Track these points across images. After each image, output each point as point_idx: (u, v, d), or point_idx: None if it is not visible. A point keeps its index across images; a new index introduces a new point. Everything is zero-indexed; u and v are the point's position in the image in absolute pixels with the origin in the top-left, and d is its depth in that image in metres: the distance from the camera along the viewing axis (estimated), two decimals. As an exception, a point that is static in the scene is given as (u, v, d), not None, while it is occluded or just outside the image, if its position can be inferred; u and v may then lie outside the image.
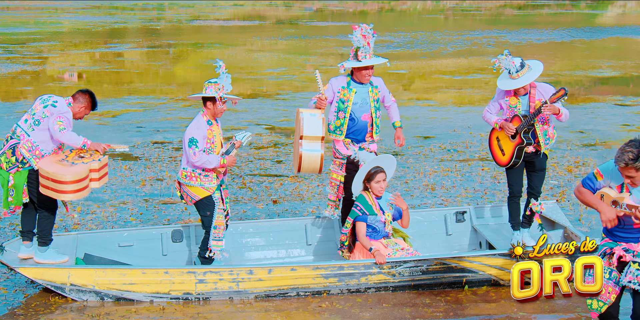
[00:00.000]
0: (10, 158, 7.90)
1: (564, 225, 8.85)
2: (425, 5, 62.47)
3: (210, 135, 8.03)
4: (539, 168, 8.51)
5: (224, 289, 7.88)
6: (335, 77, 8.69)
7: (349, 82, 8.53)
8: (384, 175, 8.20)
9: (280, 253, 9.03)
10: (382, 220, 8.18)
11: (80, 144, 7.90)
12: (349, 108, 8.47)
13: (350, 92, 8.48)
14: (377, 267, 7.88)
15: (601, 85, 21.95)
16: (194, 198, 8.10)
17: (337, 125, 8.55)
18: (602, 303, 6.12)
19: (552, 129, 8.46)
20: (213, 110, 8.05)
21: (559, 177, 12.19)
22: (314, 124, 8.26)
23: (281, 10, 57.56)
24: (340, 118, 8.52)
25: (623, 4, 61.34)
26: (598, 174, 6.08)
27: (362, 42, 8.38)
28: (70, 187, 7.68)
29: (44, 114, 7.89)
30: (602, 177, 6.06)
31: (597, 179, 6.09)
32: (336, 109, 8.54)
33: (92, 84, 22.65)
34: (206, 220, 8.14)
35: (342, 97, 8.49)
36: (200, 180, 8.05)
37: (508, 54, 8.34)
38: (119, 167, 12.95)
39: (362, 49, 8.38)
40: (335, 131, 8.58)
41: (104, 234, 8.83)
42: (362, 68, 8.45)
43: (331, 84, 8.59)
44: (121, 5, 61.09)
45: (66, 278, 7.78)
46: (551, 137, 8.46)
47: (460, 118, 16.97)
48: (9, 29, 39.10)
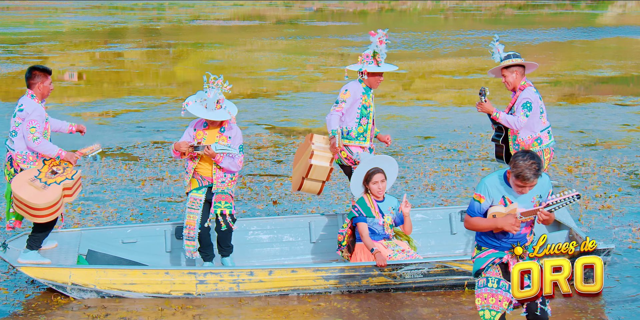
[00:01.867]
0: (10, 170, 7.96)
1: (569, 226, 8.82)
2: (425, 5, 62.47)
3: (199, 137, 8.17)
4: None
5: (224, 289, 7.88)
6: (351, 83, 8.71)
7: (366, 87, 8.63)
8: (382, 176, 8.15)
9: (283, 250, 9.03)
10: (380, 223, 8.14)
11: (55, 155, 7.87)
12: (372, 113, 8.55)
13: (370, 98, 8.59)
14: (378, 270, 7.88)
15: (601, 85, 21.95)
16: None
17: (360, 132, 8.60)
18: (494, 312, 6.08)
19: (526, 137, 8.38)
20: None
21: (558, 177, 12.19)
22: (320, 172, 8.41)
23: (281, 10, 57.55)
24: (362, 124, 8.59)
25: (623, 4, 61.34)
26: (479, 197, 6.00)
27: (380, 47, 8.50)
28: (44, 213, 7.80)
29: (16, 123, 7.91)
30: (483, 198, 6.00)
31: (480, 202, 6.01)
32: (358, 116, 8.57)
33: (92, 84, 22.66)
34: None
35: (365, 103, 8.56)
36: (187, 178, 8.26)
37: (496, 40, 8.48)
38: (119, 167, 12.96)
39: (381, 55, 8.49)
40: (359, 138, 8.63)
41: (108, 230, 8.86)
42: (377, 73, 8.58)
43: (352, 91, 8.60)
44: (121, 5, 61.08)
45: (67, 277, 7.79)
46: (522, 145, 8.39)
47: (460, 118, 16.97)
48: (9, 29, 39.10)
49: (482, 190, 6.02)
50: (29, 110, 7.85)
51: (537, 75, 22.49)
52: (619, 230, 9.80)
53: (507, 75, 8.38)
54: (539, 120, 8.36)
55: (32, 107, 7.87)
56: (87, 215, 10.54)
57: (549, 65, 25.23)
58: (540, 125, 8.38)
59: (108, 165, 13.09)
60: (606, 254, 8.02)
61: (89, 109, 18.18)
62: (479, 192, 6.03)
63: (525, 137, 8.36)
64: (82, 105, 18.67)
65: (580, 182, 11.99)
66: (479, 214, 6.07)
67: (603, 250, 7.99)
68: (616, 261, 8.75)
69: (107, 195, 11.43)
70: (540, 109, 8.37)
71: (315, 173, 8.41)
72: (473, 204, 6.06)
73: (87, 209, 10.80)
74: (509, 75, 8.38)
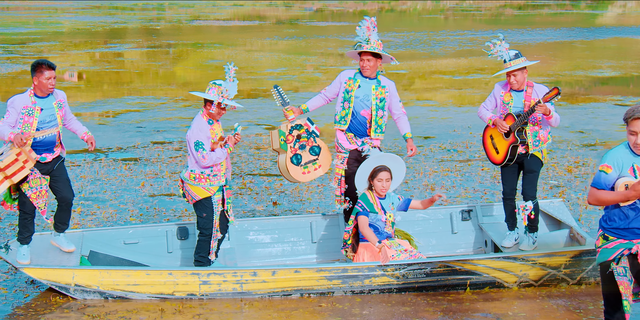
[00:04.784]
0: None
1: (569, 224, 8.82)
2: (425, 5, 62.48)
3: (212, 134, 8.04)
4: (528, 170, 8.39)
5: (227, 290, 7.88)
6: (345, 70, 8.83)
7: (356, 73, 8.63)
8: (388, 175, 8.17)
9: (285, 250, 9.03)
10: (382, 219, 8.17)
11: (7, 139, 7.89)
12: (353, 98, 8.54)
13: (355, 83, 8.57)
14: (380, 270, 7.88)
15: (601, 85, 21.96)
16: (194, 197, 8.10)
17: (342, 115, 8.63)
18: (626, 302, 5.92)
19: (544, 132, 8.36)
20: (212, 112, 8.04)
21: (559, 177, 12.20)
22: (274, 137, 8.61)
23: (281, 10, 57.56)
24: (345, 108, 8.60)
25: (623, 4, 61.35)
26: (607, 167, 5.81)
27: (365, 33, 8.48)
28: None
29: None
30: (611, 168, 5.80)
31: (607, 173, 5.80)
32: (342, 100, 8.62)
33: (92, 84, 22.66)
34: (201, 221, 8.14)
35: (348, 88, 8.59)
36: (209, 181, 8.06)
37: (502, 39, 8.34)
38: (119, 167, 12.96)
39: (362, 42, 8.48)
40: (340, 121, 8.65)
41: (110, 231, 8.85)
42: (361, 57, 8.52)
43: (339, 76, 8.71)
44: (121, 5, 61.09)
45: (71, 278, 7.79)
46: (542, 140, 8.36)
47: (460, 118, 16.97)
48: (9, 29, 39.10)
49: (608, 160, 5.82)
50: (8, 102, 7.98)
51: (537, 75, 22.50)
52: (619, 230, 9.81)
53: (517, 75, 8.26)
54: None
55: (11, 99, 7.98)
56: (87, 215, 10.53)
57: (549, 65, 25.23)
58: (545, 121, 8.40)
59: (108, 165, 13.09)
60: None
61: (89, 109, 18.18)
62: (606, 162, 5.82)
63: (543, 133, 8.35)
64: (82, 105, 18.66)
65: (580, 182, 11.99)
66: (606, 187, 5.84)
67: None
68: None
69: (107, 195, 11.43)
70: None
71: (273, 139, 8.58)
72: (599, 175, 5.83)
73: (86, 209, 10.80)
74: (520, 75, 8.27)
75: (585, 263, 8.05)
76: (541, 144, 8.36)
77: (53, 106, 8.05)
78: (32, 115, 7.97)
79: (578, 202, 10.94)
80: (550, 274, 8.08)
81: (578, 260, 8.05)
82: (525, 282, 8.11)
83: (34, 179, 8.09)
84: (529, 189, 8.40)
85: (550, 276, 8.10)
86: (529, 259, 7.99)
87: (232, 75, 8.04)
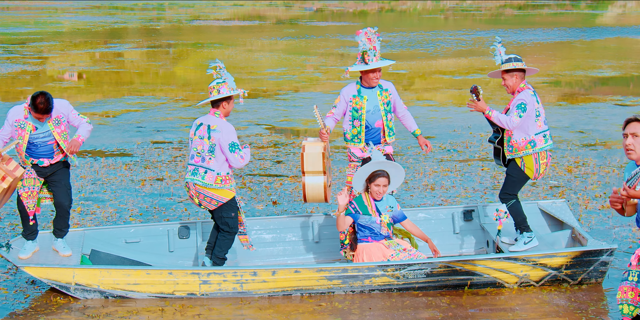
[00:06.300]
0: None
1: (571, 225, 8.80)
2: (425, 5, 62.48)
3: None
4: (507, 172, 8.53)
5: (227, 290, 7.88)
6: (345, 87, 8.71)
7: (359, 89, 8.55)
8: (386, 181, 8.13)
9: (286, 250, 9.03)
10: (377, 222, 8.14)
11: None
12: (364, 115, 8.50)
13: (362, 99, 8.52)
14: (381, 270, 7.87)
15: (601, 85, 21.95)
16: (220, 201, 8.03)
17: (354, 134, 8.56)
18: (633, 307, 5.89)
19: (520, 140, 8.32)
20: (227, 109, 8.12)
21: (558, 177, 12.19)
22: (314, 159, 8.25)
23: (281, 10, 57.56)
24: (356, 126, 8.54)
25: (623, 4, 61.34)
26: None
27: (368, 45, 8.39)
28: None
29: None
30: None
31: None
32: (350, 118, 8.54)
33: (92, 84, 22.66)
34: (231, 221, 8.14)
35: (355, 106, 8.51)
36: (233, 181, 8.11)
37: (498, 42, 8.48)
38: (119, 167, 12.96)
39: (369, 53, 8.39)
40: (353, 139, 8.59)
41: (111, 230, 8.86)
42: (369, 71, 8.46)
43: (342, 95, 8.60)
44: (121, 5, 61.09)
45: (71, 277, 7.79)
46: (516, 147, 8.33)
47: (460, 118, 16.96)
48: (9, 29, 39.10)
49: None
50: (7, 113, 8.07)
51: (537, 75, 22.49)
52: (619, 230, 9.80)
53: (506, 79, 8.40)
54: (534, 123, 8.34)
55: (9, 111, 8.04)
56: (86, 215, 10.53)
57: (549, 66, 25.23)
58: (535, 129, 8.34)
59: (108, 165, 13.09)
60: (609, 254, 8.02)
61: (89, 109, 18.18)
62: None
63: (519, 139, 8.32)
64: (82, 105, 18.66)
65: (580, 182, 11.98)
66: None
67: (606, 250, 7.99)
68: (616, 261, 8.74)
69: (107, 195, 11.43)
70: (536, 112, 8.33)
71: (310, 161, 8.24)
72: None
73: (86, 209, 10.79)
74: (509, 79, 8.40)
75: (586, 264, 8.04)
76: (516, 151, 8.35)
77: (48, 124, 8.03)
78: (24, 129, 7.97)
79: (578, 202, 10.93)
80: (551, 274, 8.07)
81: (579, 261, 8.04)
82: (526, 283, 8.10)
83: (28, 179, 8.13)
84: (501, 191, 8.56)
85: (551, 277, 8.09)
86: (529, 259, 7.98)
87: (224, 69, 8.14)
